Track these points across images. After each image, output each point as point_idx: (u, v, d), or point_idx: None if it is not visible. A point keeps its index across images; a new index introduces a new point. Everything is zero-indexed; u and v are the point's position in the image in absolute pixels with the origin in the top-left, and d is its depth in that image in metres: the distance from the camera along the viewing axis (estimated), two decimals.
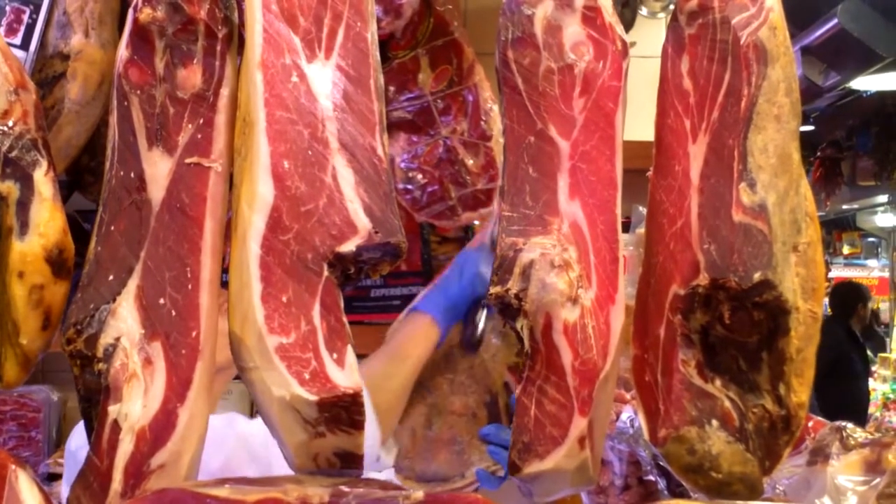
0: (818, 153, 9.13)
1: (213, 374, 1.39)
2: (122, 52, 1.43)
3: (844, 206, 11.03)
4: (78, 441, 2.18)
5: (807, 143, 8.70)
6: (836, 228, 13.82)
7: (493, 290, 1.37)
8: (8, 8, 1.70)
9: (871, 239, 13.85)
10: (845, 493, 1.60)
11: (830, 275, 11.87)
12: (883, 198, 10.12)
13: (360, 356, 1.34)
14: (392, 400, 1.96)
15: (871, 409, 8.14)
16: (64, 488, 2.17)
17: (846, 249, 13.99)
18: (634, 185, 1.59)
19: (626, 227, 2.61)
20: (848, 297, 8.44)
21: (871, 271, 13.55)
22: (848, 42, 4.55)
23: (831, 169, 9.09)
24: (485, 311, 2.04)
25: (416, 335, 1.98)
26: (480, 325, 2.05)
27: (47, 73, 1.71)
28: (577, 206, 1.41)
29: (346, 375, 1.30)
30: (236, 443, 1.95)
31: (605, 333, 1.38)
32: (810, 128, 8.30)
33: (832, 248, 13.93)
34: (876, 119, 7.98)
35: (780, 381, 1.36)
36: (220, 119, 1.42)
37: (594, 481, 1.41)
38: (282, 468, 1.62)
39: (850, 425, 1.75)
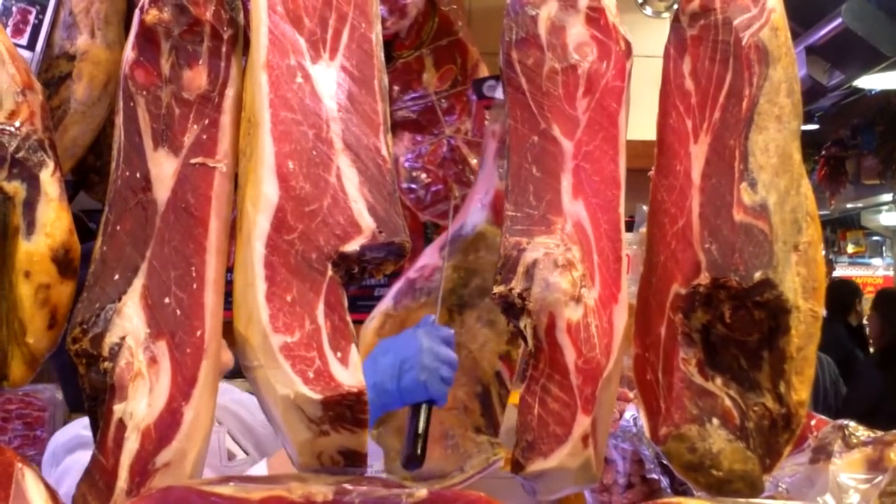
0: (823, 152, 9.12)
1: (218, 374, 1.39)
2: (128, 53, 1.43)
3: (849, 205, 11.02)
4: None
5: (811, 141, 8.69)
6: (841, 227, 13.78)
7: (497, 289, 1.37)
8: (14, 8, 1.70)
9: (875, 238, 13.80)
10: (847, 491, 1.60)
11: (835, 274, 11.83)
12: (887, 196, 10.11)
13: None
14: None
15: None
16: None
17: (851, 248, 13.94)
18: (638, 184, 1.60)
19: (630, 226, 2.61)
20: (843, 294, 8.35)
21: (875, 270, 13.49)
22: (852, 41, 4.54)
23: (836, 168, 9.08)
24: (423, 420, 1.79)
25: None
26: (420, 433, 1.78)
27: (53, 74, 1.71)
28: (580, 205, 1.41)
29: (350, 374, 1.30)
30: None
31: (608, 332, 1.38)
32: (815, 127, 8.28)
33: (837, 247, 13.88)
34: (880, 118, 7.98)
35: (780, 380, 1.36)
36: (226, 120, 1.43)
37: (597, 479, 1.42)
38: None
39: (852, 423, 1.75)
